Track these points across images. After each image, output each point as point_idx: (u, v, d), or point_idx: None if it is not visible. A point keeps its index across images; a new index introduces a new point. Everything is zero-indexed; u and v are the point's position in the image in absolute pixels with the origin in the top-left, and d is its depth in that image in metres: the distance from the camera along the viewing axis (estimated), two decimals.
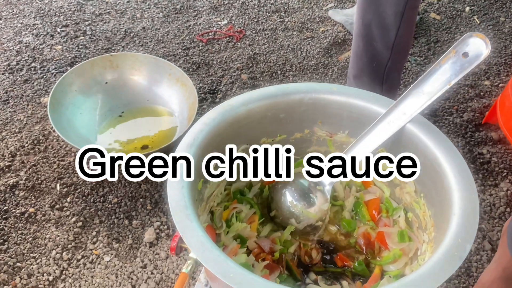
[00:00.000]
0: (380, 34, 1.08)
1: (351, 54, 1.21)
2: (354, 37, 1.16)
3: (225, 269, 0.51)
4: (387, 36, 1.09)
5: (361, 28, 1.11)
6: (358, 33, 1.13)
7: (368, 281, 0.70)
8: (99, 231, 1.08)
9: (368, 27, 1.09)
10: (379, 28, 1.07)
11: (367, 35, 1.10)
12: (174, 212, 0.57)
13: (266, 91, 0.75)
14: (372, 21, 1.08)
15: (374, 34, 1.09)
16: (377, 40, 1.10)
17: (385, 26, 1.07)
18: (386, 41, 1.09)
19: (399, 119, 0.67)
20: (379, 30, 1.08)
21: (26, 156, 1.25)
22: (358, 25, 1.12)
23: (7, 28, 1.71)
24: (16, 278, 0.99)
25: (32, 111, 1.38)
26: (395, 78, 1.19)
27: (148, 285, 0.98)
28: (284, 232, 0.76)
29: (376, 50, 1.12)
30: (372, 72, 1.16)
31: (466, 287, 0.97)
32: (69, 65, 1.55)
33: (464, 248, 0.53)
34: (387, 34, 1.08)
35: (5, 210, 1.11)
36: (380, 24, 1.07)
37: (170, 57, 1.60)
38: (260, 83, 1.51)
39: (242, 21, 1.79)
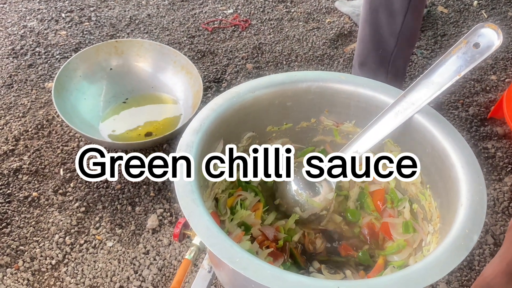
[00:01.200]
0: (387, 20, 1.08)
1: (357, 41, 1.21)
2: (361, 23, 1.16)
3: (231, 254, 0.51)
4: (394, 23, 1.08)
5: (368, 14, 1.10)
6: (365, 19, 1.13)
7: (372, 271, 0.70)
8: (102, 216, 1.08)
9: (375, 12, 1.08)
10: (386, 13, 1.07)
11: (374, 21, 1.10)
12: (181, 197, 0.57)
13: (273, 79, 0.74)
14: (379, 7, 1.07)
15: (381, 20, 1.09)
16: (384, 26, 1.09)
17: (392, 11, 1.06)
18: (393, 28, 1.09)
19: (407, 109, 0.67)
20: (386, 16, 1.07)
21: (29, 140, 1.24)
22: (365, 11, 1.11)
23: (11, 13, 1.70)
24: (19, 261, 0.99)
25: (36, 96, 1.38)
26: (400, 67, 1.19)
27: (151, 271, 0.98)
28: (288, 220, 0.76)
29: (383, 37, 1.11)
30: (377, 59, 1.16)
31: (468, 280, 0.97)
32: (74, 50, 1.54)
33: (471, 238, 0.52)
34: (394, 21, 1.08)
35: (9, 194, 1.11)
36: (387, 9, 1.06)
37: (175, 45, 1.59)
38: (265, 73, 1.51)
39: (248, 11, 1.78)
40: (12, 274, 0.97)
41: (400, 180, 0.77)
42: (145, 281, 0.97)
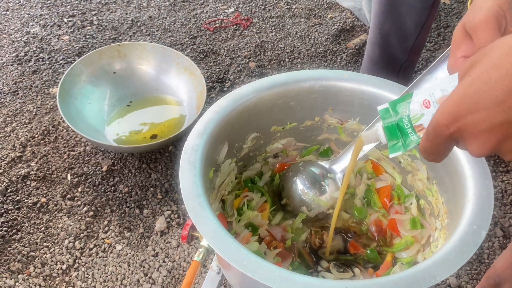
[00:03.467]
0: (399, 42, 1.06)
1: (365, 58, 1.19)
2: (370, 44, 1.13)
3: (239, 257, 0.51)
4: (406, 43, 1.07)
5: (378, 37, 1.08)
6: (375, 42, 1.10)
7: (380, 268, 0.70)
8: (111, 220, 1.09)
9: (385, 36, 1.06)
10: (398, 37, 1.05)
11: (385, 44, 1.08)
12: (187, 201, 0.57)
13: (276, 79, 0.74)
14: (391, 31, 1.05)
15: (392, 42, 1.07)
16: (395, 46, 1.08)
17: (405, 35, 1.04)
18: (405, 47, 1.08)
19: None
20: (397, 39, 1.05)
21: (36, 146, 1.25)
22: (375, 35, 1.08)
23: (14, 19, 1.71)
24: (30, 267, 1.00)
25: (41, 102, 1.39)
26: (410, 72, 1.18)
27: (160, 273, 0.99)
28: (295, 220, 0.76)
29: (393, 54, 1.10)
30: (387, 72, 1.14)
31: (478, 273, 0.97)
32: (77, 55, 1.55)
33: (480, 234, 0.52)
34: (406, 41, 1.06)
35: (18, 200, 1.12)
36: (399, 33, 1.04)
37: (177, 46, 1.60)
38: (268, 71, 1.50)
39: (249, 9, 1.77)
40: (24, 280, 0.98)
41: (407, 176, 0.77)
42: (155, 284, 0.98)
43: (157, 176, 1.17)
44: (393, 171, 0.80)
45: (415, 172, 0.75)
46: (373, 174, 0.82)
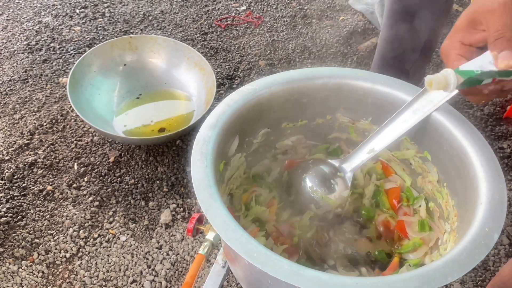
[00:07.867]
0: (411, 42, 1.08)
1: (376, 55, 1.20)
2: (381, 41, 1.15)
3: (249, 249, 0.51)
4: (418, 43, 1.08)
5: (391, 35, 1.10)
6: (387, 39, 1.12)
7: (387, 269, 0.69)
8: (116, 211, 1.09)
9: (397, 35, 1.09)
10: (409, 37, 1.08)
11: (397, 42, 1.10)
12: (198, 191, 0.57)
13: (289, 75, 0.74)
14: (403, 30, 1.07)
15: (404, 41, 1.09)
16: (407, 45, 1.09)
17: (417, 36, 1.07)
18: (416, 47, 1.10)
19: (425, 107, 0.66)
20: (409, 39, 1.08)
21: (44, 135, 1.26)
22: (387, 32, 1.11)
23: (26, 8, 1.72)
24: (34, 254, 1.00)
25: (50, 91, 1.39)
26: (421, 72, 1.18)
27: (164, 265, 0.99)
28: (303, 217, 0.76)
29: (405, 53, 1.11)
30: (397, 71, 1.15)
31: (483, 280, 0.96)
32: (88, 46, 1.55)
33: (492, 237, 0.52)
34: (418, 41, 1.08)
35: (24, 187, 1.12)
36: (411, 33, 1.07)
37: (188, 42, 1.60)
38: (278, 70, 1.50)
39: (261, 7, 1.77)
40: (27, 266, 0.98)
41: (417, 179, 0.77)
42: (158, 276, 0.98)
43: (164, 169, 1.17)
44: (402, 172, 0.79)
45: (425, 174, 0.74)
46: (382, 175, 0.82)
